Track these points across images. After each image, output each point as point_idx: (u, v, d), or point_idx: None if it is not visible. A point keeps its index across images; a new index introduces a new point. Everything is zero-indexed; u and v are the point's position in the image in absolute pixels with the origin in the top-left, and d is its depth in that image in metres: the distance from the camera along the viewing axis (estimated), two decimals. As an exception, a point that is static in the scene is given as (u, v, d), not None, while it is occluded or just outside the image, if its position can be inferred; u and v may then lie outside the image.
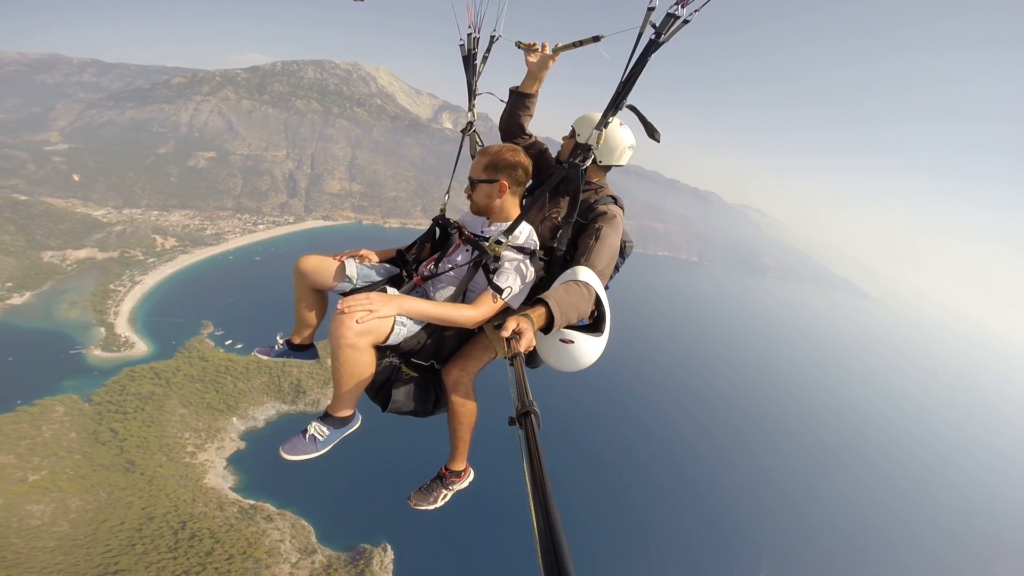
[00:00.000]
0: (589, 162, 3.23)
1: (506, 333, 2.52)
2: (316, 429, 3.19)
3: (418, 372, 3.30)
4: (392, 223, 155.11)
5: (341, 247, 3.71)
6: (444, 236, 3.77)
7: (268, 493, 51.55)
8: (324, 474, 55.07)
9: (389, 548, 49.08)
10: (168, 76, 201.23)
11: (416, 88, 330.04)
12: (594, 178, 3.80)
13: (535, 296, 3.13)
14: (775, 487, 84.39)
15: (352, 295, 2.81)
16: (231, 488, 52.04)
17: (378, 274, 3.67)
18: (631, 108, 2.98)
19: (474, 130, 4.08)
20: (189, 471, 51.44)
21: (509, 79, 3.98)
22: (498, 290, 3.07)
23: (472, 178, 3.45)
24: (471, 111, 4.02)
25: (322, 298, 3.70)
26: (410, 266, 3.75)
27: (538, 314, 2.75)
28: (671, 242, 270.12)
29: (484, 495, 53.58)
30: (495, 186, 3.34)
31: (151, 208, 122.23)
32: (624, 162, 3.76)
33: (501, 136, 4.03)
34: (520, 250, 3.24)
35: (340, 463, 55.81)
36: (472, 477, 3.77)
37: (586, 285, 3.05)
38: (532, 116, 3.97)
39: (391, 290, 3.18)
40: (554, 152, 4.06)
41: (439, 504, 3.64)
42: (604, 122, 2.97)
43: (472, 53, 3.89)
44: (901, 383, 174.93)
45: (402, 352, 3.15)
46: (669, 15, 2.43)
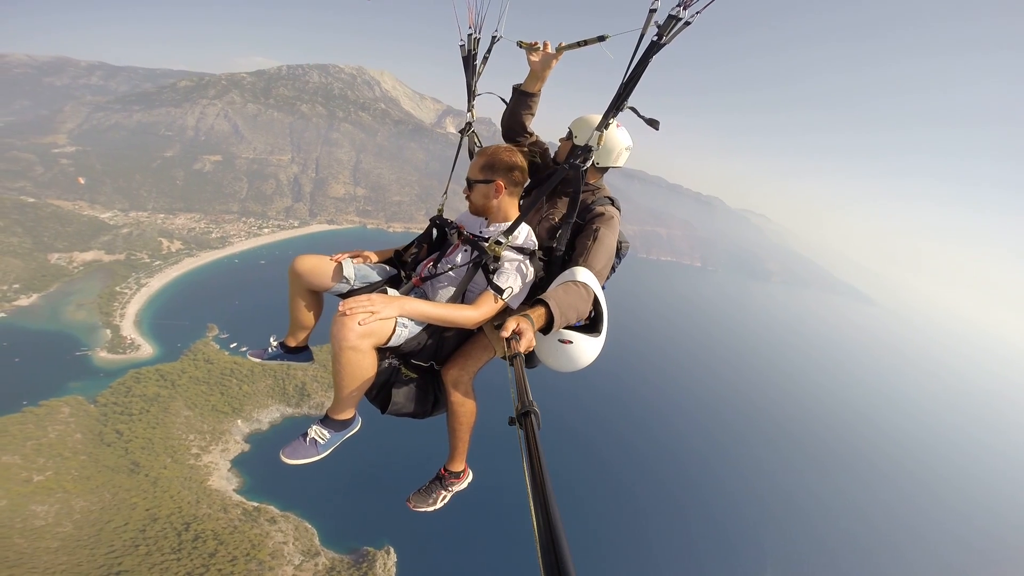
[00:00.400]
0: (589, 163, 3.25)
1: (506, 333, 2.52)
2: (317, 432, 3.19)
3: (417, 373, 3.29)
4: (396, 227, 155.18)
5: (344, 251, 3.72)
6: (442, 236, 3.74)
7: (272, 495, 51.56)
8: (327, 476, 55.14)
9: (392, 551, 49.02)
10: (174, 79, 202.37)
11: (420, 92, 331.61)
12: (591, 179, 3.80)
13: (533, 297, 3.19)
14: (780, 492, 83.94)
15: (351, 296, 2.83)
16: (235, 490, 52.11)
17: (376, 275, 3.63)
18: (631, 109, 2.96)
19: (473, 131, 4.08)
20: (193, 473, 51.58)
21: (510, 80, 3.95)
22: (499, 290, 3.08)
23: (469, 178, 3.44)
24: (470, 112, 4.02)
25: (318, 299, 3.66)
26: (408, 267, 3.76)
27: (538, 314, 2.75)
28: (674, 247, 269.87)
29: (488, 497, 53.45)
30: (491, 186, 3.32)
31: (157, 211, 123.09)
32: (622, 163, 3.80)
33: (503, 134, 4.04)
34: (520, 250, 3.24)
35: (343, 465, 55.90)
36: (471, 478, 3.75)
37: (584, 285, 3.06)
38: (534, 115, 3.96)
39: (391, 291, 3.18)
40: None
41: (438, 506, 3.63)
42: (605, 123, 2.98)
43: (472, 54, 3.88)
44: (905, 387, 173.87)
45: (402, 353, 3.14)
46: (671, 17, 2.44)
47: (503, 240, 3.14)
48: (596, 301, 3.11)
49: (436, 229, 3.75)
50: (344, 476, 56.24)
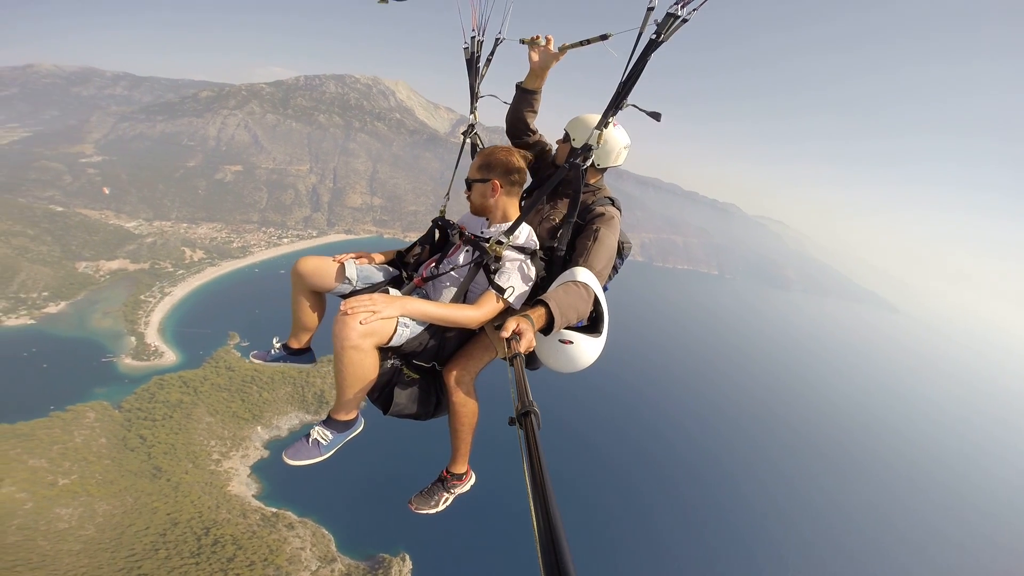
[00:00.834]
0: (589, 163, 3.25)
1: (506, 333, 2.51)
2: (319, 434, 3.18)
3: (419, 374, 3.28)
4: (412, 237, 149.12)
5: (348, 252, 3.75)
6: (444, 237, 3.75)
7: (290, 501, 51.89)
8: (344, 483, 55.40)
9: (407, 558, 48.88)
10: (196, 90, 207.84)
11: (434, 102, 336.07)
12: (592, 180, 3.78)
13: (534, 297, 3.18)
14: (801, 500, 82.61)
15: (353, 297, 2.82)
16: (254, 496, 52.58)
17: (379, 275, 3.65)
18: (632, 106, 2.96)
19: (475, 132, 4.10)
20: (214, 478, 52.17)
21: (516, 81, 4.01)
22: (500, 290, 3.08)
23: (467, 179, 3.45)
24: (472, 114, 4.05)
25: (321, 301, 3.67)
26: (410, 268, 3.77)
27: (538, 315, 2.74)
28: (690, 255, 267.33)
29: (504, 502, 53.25)
30: (488, 185, 3.33)
31: (180, 221, 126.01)
32: (621, 162, 3.78)
33: (507, 131, 4.03)
34: (521, 250, 3.24)
35: (360, 472, 56.11)
36: (474, 481, 3.71)
37: (585, 286, 3.04)
38: (537, 113, 3.95)
39: (393, 291, 3.18)
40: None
41: (440, 508, 3.59)
42: (604, 122, 2.97)
43: (475, 56, 3.92)
44: (932, 395, 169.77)
45: (404, 354, 3.14)
46: (669, 15, 2.46)
47: (504, 240, 3.15)
48: (597, 301, 3.10)
49: (438, 230, 3.77)
50: (360, 482, 56.44)
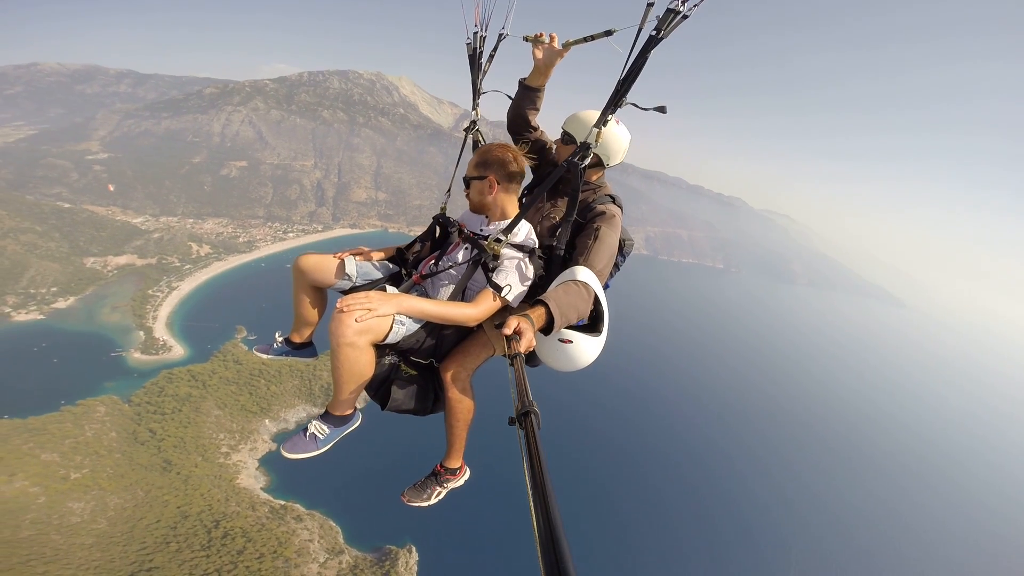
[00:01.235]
0: (588, 161, 3.17)
1: (508, 331, 2.51)
2: (317, 428, 3.22)
3: (417, 370, 3.30)
4: (417, 231, 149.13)
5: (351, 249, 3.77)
6: (444, 234, 3.72)
7: (298, 494, 52.36)
8: (351, 475, 55.83)
9: (414, 550, 49.50)
10: (200, 87, 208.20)
11: (437, 97, 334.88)
12: (592, 177, 3.75)
13: (534, 296, 3.16)
14: (808, 493, 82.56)
15: (351, 293, 2.83)
16: (262, 488, 53.05)
17: (378, 272, 3.66)
18: (631, 104, 2.92)
19: (477, 129, 4.08)
20: (223, 471, 52.61)
21: (518, 78, 3.95)
22: (497, 288, 3.07)
23: (466, 176, 3.44)
24: (475, 110, 4.03)
25: (322, 296, 3.71)
26: (410, 264, 3.74)
27: (538, 314, 2.74)
28: (696, 249, 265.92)
29: (510, 496, 53.48)
30: (485, 182, 3.32)
31: (186, 216, 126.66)
32: (621, 159, 3.74)
33: (508, 128, 4.00)
34: (519, 248, 3.22)
35: (366, 464, 56.47)
36: (468, 476, 3.73)
37: (585, 285, 3.03)
38: (539, 110, 3.91)
39: (390, 288, 3.20)
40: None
41: (432, 501, 3.61)
42: (603, 120, 2.93)
43: (478, 52, 3.89)
44: (941, 390, 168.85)
45: (401, 350, 3.15)
46: (669, 10, 2.43)
47: (502, 238, 3.14)
48: (597, 301, 3.10)
49: (439, 227, 3.73)
50: (367, 475, 56.81)
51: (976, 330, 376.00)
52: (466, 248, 3.37)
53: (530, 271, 3.25)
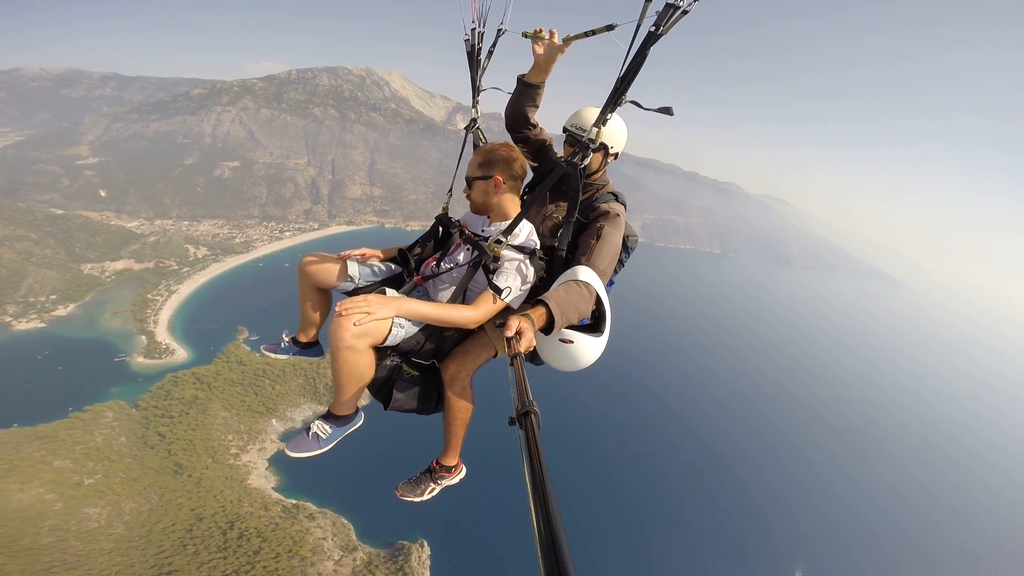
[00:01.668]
0: (588, 160, 3.14)
1: (509, 332, 2.51)
2: (319, 427, 3.25)
3: (419, 371, 3.32)
4: (413, 225, 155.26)
5: (355, 249, 3.75)
6: (447, 235, 3.71)
7: (308, 492, 52.56)
8: (360, 472, 55.68)
9: (426, 544, 49.67)
10: (187, 88, 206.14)
11: (429, 91, 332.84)
12: (596, 168, 3.69)
13: (536, 296, 3.11)
14: (812, 474, 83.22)
15: (353, 295, 2.87)
16: (273, 488, 53.18)
17: (380, 273, 3.68)
18: (632, 103, 2.82)
19: (477, 127, 4.05)
20: (233, 472, 52.73)
21: (517, 73, 3.83)
22: (497, 290, 3.06)
23: (468, 176, 3.40)
24: (475, 108, 3.99)
25: (326, 297, 3.74)
26: (411, 265, 3.73)
27: (538, 314, 2.74)
28: (693, 235, 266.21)
29: (523, 489, 53.70)
30: (490, 182, 3.30)
31: (181, 218, 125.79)
32: (622, 148, 3.72)
33: (506, 126, 3.91)
34: (520, 249, 3.21)
35: (375, 460, 56.50)
36: (464, 474, 3.76)
37: (586, 285, 3.03)
38: (538, 107, 3.81)
39: (390, 291, 3.19)
40: (559, 149, 3.95)
41: (425, 497, 3.65)
42: (603, 119, 2.86)
43: (477, 49, 3.82)
44: (942, 370, 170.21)
45: (402, 352, 3.18)
46: (668, 5, 2.37)
47: (503, 239, 3.12)
48: (599, 300, 3.10)
49: (441, 227, 3.75)
50: (375, 471, 56.74)
51: (976, 310, 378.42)
52: (467, 249, 3.37)
53: (531, 273, 3.24)
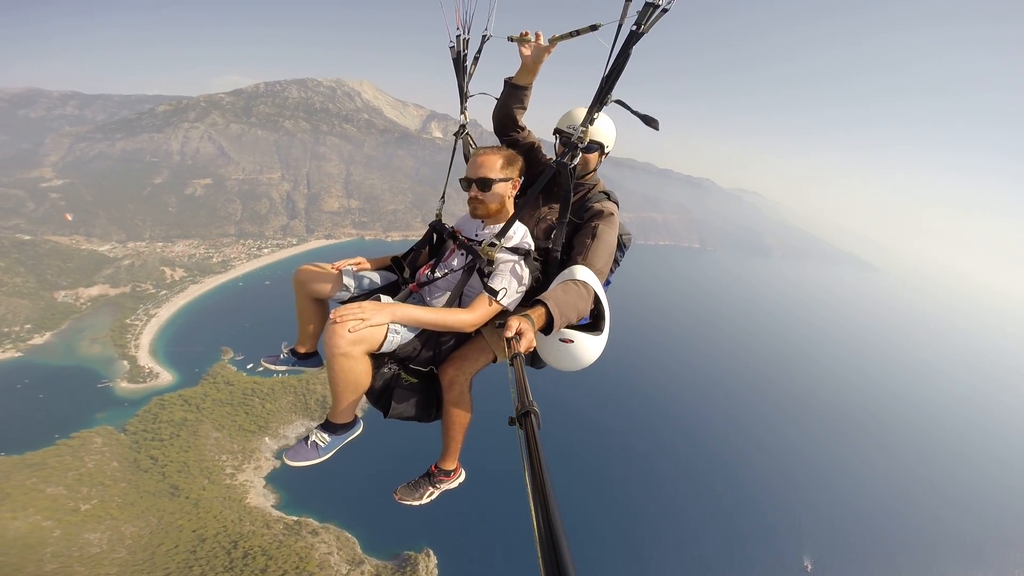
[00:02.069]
0: (576, 160, 3.17)
1: (509, 333, 2.50)
2: (318, 436, 3.28)
3: (418, 378, 3.30)
4: (394, 236, 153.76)
5: (346, 259, 3.79)
6: (440, 241, 3.72)
7: (309, 508, 52.01)
8: (358, 484, 55.18)
9: (432, 553, 49.57)
10: (152, 104, 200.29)
11: (402, 100, 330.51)
12: (594, 166, 3.74)
13: (532, 297, 3.12)
14: (805, 463, 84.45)
15: (348, 304, 2.87)
16: (273, 506, 52.42)
17: (375, 281, 3.69)
18: (618, 102, 2.85)
19: (467, 133, 4.03)
20: (231, 492, 51.82)
21: (503, 78, 3.81)
22: (493, 293, 3.07)
23: (486, 178, 3.22)
24: (463, 114, 3.95)
25: (322, 307, 3.74)
26: (406, 273, 3.77)
27: (538, 314, 2.73)
28: (671, 231, 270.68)
29: (523, 493, 53.73)
30: (509, 183, 3.31)
31: (155, 240, 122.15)
32: (612, 145, 3.78)
33: (494, 129, 3.89)
34: (514, 251, 3.20)
35: (374, 471, 55.88)
36: (463, 478, 3.78)
37: (584, 284, 3.03)
38: (526, 109, 3.77)
39: (385, 298, 3.21)
40: (547, 151, 3.98)
41: (424, 501, 3.66)
42: (590, 119, 2.89)
43: (462, 55, 3.80)
44: (920, 353, 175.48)
45: (400, 359, 3.17)
46: (648, 4, 2.42)
47: (496, 242, 3.14)
48: (597, 299, 3.10)
49: (435, 234, 3.75)
50: (373, 482, 56.20)
51: (946, 291, 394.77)
52: (461, 254, 3.37)
53: (526, 274, 3.23)
